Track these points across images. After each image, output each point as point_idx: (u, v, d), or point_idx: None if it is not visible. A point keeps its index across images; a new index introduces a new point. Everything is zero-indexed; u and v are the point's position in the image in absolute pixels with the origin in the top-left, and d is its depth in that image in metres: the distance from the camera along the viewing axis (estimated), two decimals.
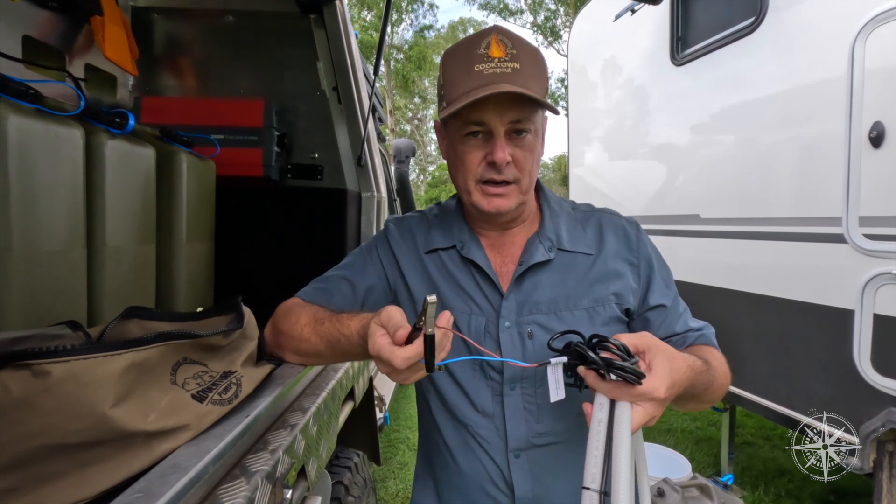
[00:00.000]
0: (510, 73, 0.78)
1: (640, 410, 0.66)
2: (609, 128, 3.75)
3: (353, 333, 0.77)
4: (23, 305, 0.94)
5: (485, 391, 0.88)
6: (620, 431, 0.63)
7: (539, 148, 0.87)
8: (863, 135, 1.91)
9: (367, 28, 21.01)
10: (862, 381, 1.92)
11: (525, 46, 0.82)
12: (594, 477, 0.62)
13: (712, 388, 0.81)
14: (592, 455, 0.63)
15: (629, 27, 3.36)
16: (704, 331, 0.91)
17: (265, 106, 1.82)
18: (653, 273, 0.92)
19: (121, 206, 1.20)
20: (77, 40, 1.54)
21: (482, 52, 0.79)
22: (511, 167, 0.83)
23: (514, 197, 0.85)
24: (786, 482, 3.04)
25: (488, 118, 0.81)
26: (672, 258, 3.14)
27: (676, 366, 0.70)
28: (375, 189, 2.04)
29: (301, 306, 0.91)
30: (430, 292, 0.90)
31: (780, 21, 2.28)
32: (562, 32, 22.31)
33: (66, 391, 0.56)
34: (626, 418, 0.64)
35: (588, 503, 0.61)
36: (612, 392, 0.67)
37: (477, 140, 0.83)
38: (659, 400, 0.67)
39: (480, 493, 0.88)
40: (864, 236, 1.92)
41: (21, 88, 0.93)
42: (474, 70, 0.79)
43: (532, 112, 0.82)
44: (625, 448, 0.62)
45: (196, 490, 0.60)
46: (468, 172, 0.85)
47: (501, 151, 0.81)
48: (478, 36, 0.82)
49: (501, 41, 0.80)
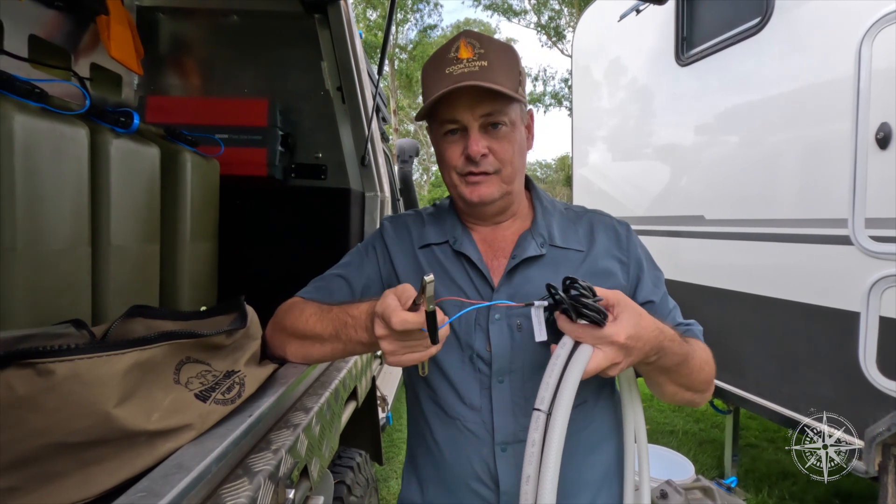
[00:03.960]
0: (477, 70, 0.82)
1: (600, 353, 0.70)
2: (613, 128, 3.74)
3: (361, 312, 0.79)
4: (28, 303, 0.94)
5: (473, 384, 0.89)
6: (574, 367, 0.69)
7: (520, 139, 0.91)
8: (869, 136, 1.90)
9: (372, 28, 21.03)
10: (867, 384, 1.91)
11: (494, 45, 0.86)
12: (543, 399, 0.69)
13: (688, 365, 0.81)
14: (546, 382, 0.70)
15: (634, 27, 3.34)
16: (692, 326, 0.93)
17: (269, 105, 1.83)
18: (642, 272, 0.94)
19: (125, 204, 1.20)
20: (83, 40, 1.55)
21: (452, 56, 0.85)
22: (489, 159, 0.87)
23: (496, 186, 0.89)
24: (790, 485, 3.02)
25: (460, 115, 0.86)
26: (676, 259, 3.13)
27: (644, 323, 0.72)
28: (379, 189, 2.04)
29: (304, 302, 0.92)
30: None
31: (787, 21, 2.27)
32: (566, 32, 22.28)
33: (70, 390, 0.56)
34: (584, 357, 0.70)
35: (534, 420, 0.69)
36: (575, 332, 0.71)
37: (455, 137, 0.89)
38: (618, 345, 0.69)
39: (465, 490, 0.89)
40: (870, 238, 1.91)
41: (27, 87, 0.94)
42: (445, 73, 0.84)
43: (505, 105, 0.86)
44: (573, 380, 0.69)
45: (199, 490, 0.60)
46: (450, 168, 0.90)
47: (475, 145, 0.85)
48: (449, 42, 0.87)
49: (470, 43, 0.85)
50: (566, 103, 23.71)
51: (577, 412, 0.88)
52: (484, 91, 0.82)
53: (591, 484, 0.90)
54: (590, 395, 0.90)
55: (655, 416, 4.20)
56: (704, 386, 0.87)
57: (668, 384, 0.84)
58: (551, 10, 22.69)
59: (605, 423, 0.93)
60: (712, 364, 0.88)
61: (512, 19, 23.83)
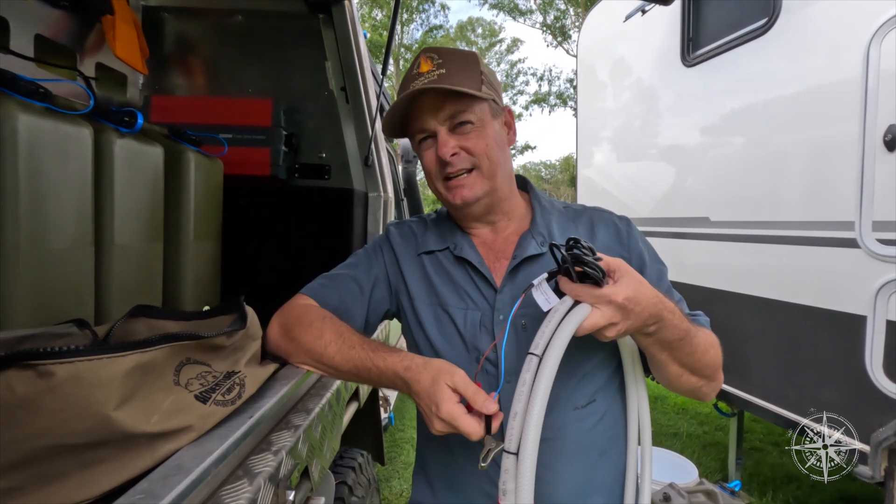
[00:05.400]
0: (436, 78, 0.87)
1: (597, 312, 0.72)
2: (618, 129, 3.73)
3: (389, 370, 0.80)
4: (31, 303, 0.94)
5: (482, 385, 0.88)
6: (570, 319, 0.72)
7: (494, 134, 0.92)
8: (877, 138, 1.88)
9: (378, 28, 21.03)
10: (874, 389, 1.89)
11: (452, 54, 0.91)
12: (538, 345, 0.73)
13: (690, 343, 0.80)
14: (541, 331, 0.74)
15: (640, 27, 3.33)
16: (699, 317, 0.93)
17: (273, 105, 1.83)
18: (644, 266, 0.93)
19: (129, 204, 1.20)
20: (88, 39, 1.56)
21: (414, 73, 0.90)
22: (462, 156, 0.90)
23: (478, 183, 0.91)
24: (794, 489, 3.00)
25: (426, 122, 0.90)
26: (681, 261, 3.12)
27: (643, 289, 0.74)
28: (382, 189, 2.04)
29: (321, 318, 0.90)
30: (428, 291, 0.97)
31: (794, 22, 2.25)
32: (571, 32, 22.21)
33: (70, 392, 0.56)
34: (581, 312, 0.72)
35: (527, 363, 0.73)
36: (575, 291, 0.73)
37: (428, 143, 0.93)
38: (616, 304, 0.71)
39: (476, 491, 0.90)
40: (877, 241, 1.89)
41: (31, 87, 0.94)
42: (409, 88, 0.88)
43: (468, 104, 0.89)
44: (567, 330, 0.72)
45: (199, 491, 0.60)
46: (431, 175, 0.94)
47: (443, 146, 0.89)
48: (413, 62, 0.93)
49: (429, 57, 0.90)
50: (571, 103, 23.63)
51: (588, 410, 0.89)
52: (444, 94, 0.87)
53: (604, 487, 0.90)
54: (598, 393, 0.90)
55: (659, 418, 4.18)
56: (710, 371, 0.86)
57: (671, 364, 0.83)
58: (557, 9, 22.62)
59: (617, 425, 0.93)
60: (718, 349, 0.87)
61: (518, 19, 23.78)
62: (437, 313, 0.95)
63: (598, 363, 0.90)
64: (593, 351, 0.89)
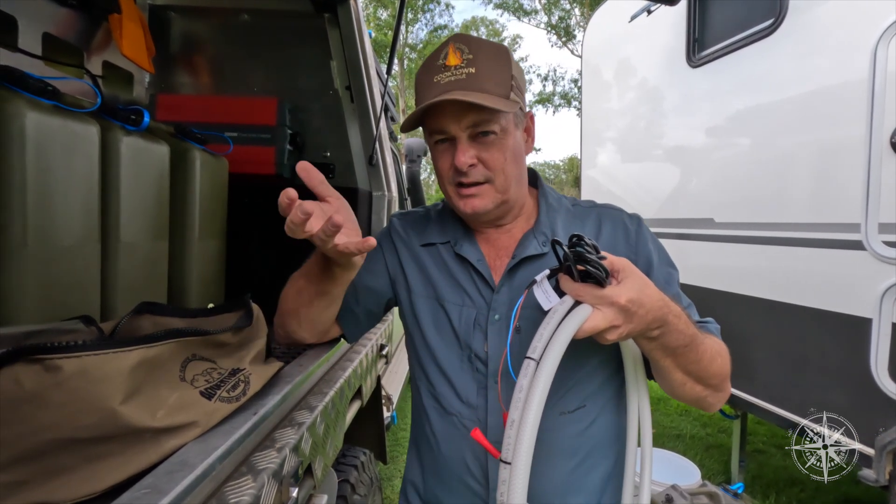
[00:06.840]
0: (464, 79, 0.81)
1: (598, 314, 0.68)
2: (623, 129, 3.72)
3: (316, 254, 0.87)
4: (37, 299, 0.95)
5: (470, 383, 0.89)
6: (569, 321, 0.69)
7: (514, 144, 0.87)
8: (884, 140, 1.87)
9: (383, 27, 21.05)
10: (879, 392, 1.88)
11: (484, 48, 0.84)
12: (535, 349, 0.70)
13: (696, 350, 0.76)
14: (539, 333, 0.71)
15: (645, 28, 3.32)
16: (709, 324, 0.89)
17: (278, 104, 1.83)
18: (652, 268, 0.89)
19: (135, 202, 1.21)
20: (96, 38, 1.56)
21: (440, 63, 0.83)
22: (479, 168, 0.85)
23: (489, 196, 0.87)
24: (798, 491, 2.99)
25: (447, 126, 0.84)
26: (685, 262, 3.11)
27: (648, 291, 0.70)
28: (386, 188, 2.04)
29: (292, 281, 0.98)
30: (426, 285, 0.97)
31: (801, 23, 2.24)
32: (576, 32, 22.16)
33: (77, 386, 0.56)
34: (581, 314, 0.69)
35: (524, 368, 0.70)
36: (576, 291, 0.70)
37: (445, 146, 0.88)
38: (619, 306, 0.68)
39: (458, 483, 0.90)
40: (883, 243, 1.88)
41: (40, 85, 0.95)
42: (433, 81, 0.83)
43: (493, 113, 0.82)
44: (566, 333, 0.68)
45: (203, 487, 0.60)
46: (443, 177, 0.90)
47: (462, 155, 0.84)
48: (440, 47, 0.85)
49: (458, 48, 0.83)
50: (575, 103, 23.59)
51: (575, 416, 0.87)
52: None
53: (585, 488, 0.89)
54: (588, 398, 0.88)
55: (662, 419, 4.17)
56: (717, 381, 0.81)
57: (675, 371, 0.79)
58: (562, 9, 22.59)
59: (608, 429, 0.91)
60: (727, 359, 0.83)
61: (522, 18, 23.76)
62: (434, 307, 0.94)
63: (594, 367, 0.88)
64: (589, 355, 0.86)
